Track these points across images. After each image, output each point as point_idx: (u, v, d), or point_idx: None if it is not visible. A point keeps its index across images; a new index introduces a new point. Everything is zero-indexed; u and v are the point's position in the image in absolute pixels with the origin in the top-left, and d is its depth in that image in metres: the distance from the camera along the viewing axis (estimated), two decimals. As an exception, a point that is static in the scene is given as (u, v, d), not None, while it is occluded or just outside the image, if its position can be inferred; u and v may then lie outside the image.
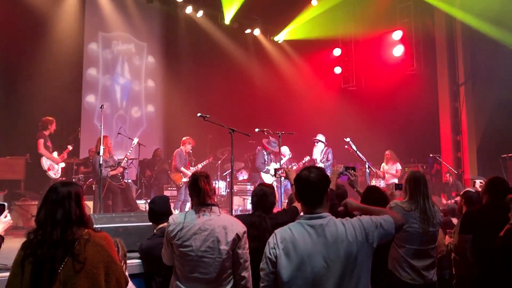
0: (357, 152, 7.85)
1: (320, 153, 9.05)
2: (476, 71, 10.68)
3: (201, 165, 8.61)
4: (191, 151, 8.67)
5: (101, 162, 6.21)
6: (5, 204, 2.54)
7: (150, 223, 3.55)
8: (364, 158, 7.89)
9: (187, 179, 6.25)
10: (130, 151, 8.10)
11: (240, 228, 2.84)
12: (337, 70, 12.29)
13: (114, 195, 7.53)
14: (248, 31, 12.47)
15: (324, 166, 8.58)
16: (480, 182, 6.40)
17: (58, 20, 9.15)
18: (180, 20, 11.54)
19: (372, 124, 10.77)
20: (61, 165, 7.56)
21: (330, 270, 2.06)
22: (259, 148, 9.22)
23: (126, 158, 7.89)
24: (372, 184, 7.43)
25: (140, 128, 11.68)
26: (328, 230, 2.12)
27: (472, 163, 10.57)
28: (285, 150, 9.04)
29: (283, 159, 8.70)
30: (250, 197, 3.64)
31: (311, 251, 2.08)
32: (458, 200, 4.74)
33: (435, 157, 10.26)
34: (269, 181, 8.57)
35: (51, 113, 7.76)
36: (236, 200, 8.96)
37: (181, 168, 8.30)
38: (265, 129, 7.15)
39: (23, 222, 6.95)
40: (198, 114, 5.70)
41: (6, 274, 2.25)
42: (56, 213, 2.17)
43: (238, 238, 2.79)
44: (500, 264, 3.39)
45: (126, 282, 2.31)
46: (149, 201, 3.73)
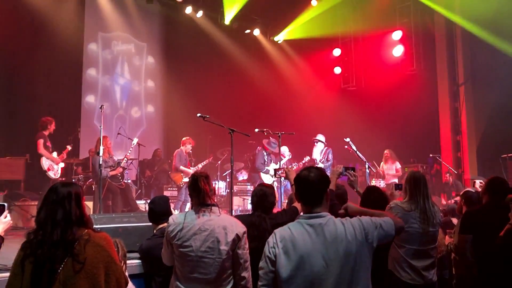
0: (357, 152, 7.85)
1: (320, 153, 9.05)
2: (476, 71, 10.68)
3: (202, 165, 8.61)
4: (191, 151, 8.67)
5: (101, 163, 6.21)
6: (5, 205, 2.53)
7: (150, 224, 3.55)
8: (364, 158, 7.89)
9: (188, 179, 6.28)
10: (130, 151, 8.11)
11: (240, 229, 2.84)
12: (337, 70, 12.29)
13: (114, 196, 7.53)
14: (248, 31, 12.46)
15: (324, 167, 8.58)
16: (480, 182, 6.39)
17: (58, 20, 9.13)
18: (180, 21, 11.53)
19: (372, 124, 10.77)
20: (61, 165, 7.55)
21: (329, 269, 2.06)
22: (259, 149, 9.22)
23: (126, 158, 7.89)
24: (372, 184, 7.42)
25: (140, 128, 11.68)
26: (327, 230, 2.12)
27: (472, 163, 10.57)
28: (285, 151, 9.03)
29: (283, 160, 8.70)
30: (250, 197, 3.63)
31: (310, 250, 2.09)
32: (458, 200, 4.74)
33: (435, 157, 10.26)
34: (269, 182, 8.57)
35: (51, 113, 7.77)
36: (236, 200, 8.95)
37: (181, 167, 8.31)
38: (265, 129, 7.14)
39: (23, 223, 6.95)
40: (198, 114, 5.70)
41: (6, 275, 2.25)
42: (56, 214, 2.17)
43: (238, 238, 2.79)
44: (500, 264, 3.39)
45: (126, 283, 2.32)
46: (149, 202, 3.73)
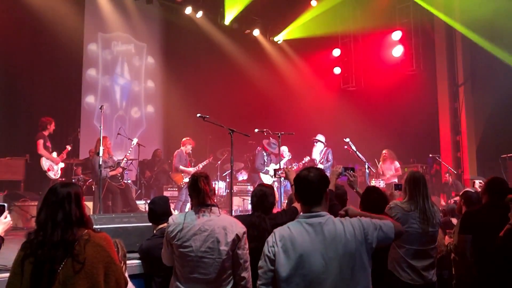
0: (357, 153, 7.86)
1: (320, 154, 9.04)
2: (476, 72, 10.69)
3: (202, 165, 8.62)
4: (191, 152, 8.67)
5: (101, 163, 6.21)
6: (5, 205, 2.53)
7: (150, 224, 3.55)
8: (364, 159, 7.90)
9: (188, 179, 6.28)
10: (130, 152, 8.11)
11: (240, 229, 2.84)
12: (337, 71, 12.29)
13: (114, 196, 7.53)
14: (248, 32, 12.46)
15: (324, 167, 8.58)
16: (480, 182, 6.39)
17: (58, 21, 9.12)
18: (180, 21, 11.52)
19: (372, 125, 10.77)
20: (61, 166, 7.55)
21: (329, 268, 2.06)
22: (259, 149, 9.22)
23: (126, 159, 7.90)
24: (372, 185, 7.42)
25: (140, 129, 11.68)
26: (327, 229, 2.13)
27: (472, 163, 10.57)
28: (284, 151, 9.03)
29: (283, 160, 8.70)
30: (250, 198, 3.63)
31: (310, 249, 2.09)
32: (458, 201, 4.74)
33: (435, 157, 10.26)
34: (269, 182, 8.57)
35: (51, 114, 7.76)
36: (236, 201, 8.95)
37: (180, 167, 8.31)
38: (265, 130, 7.14)
39: (23, 223, 6.94)
40: (198, 115, 5.71)
41: (6, 275, 2.25)
42: (57, 215, 2.17)
43: (238, 239, 2.79)
44: (500, 264, 3.39)
45: (126, 283, 2.31)
46: (149, 202, 3.73)
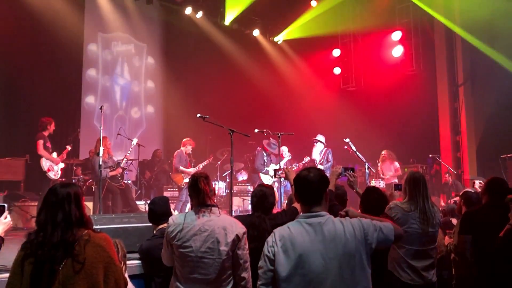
0: (357, 153, 7.86)
1: (320, 154, 9.04)
2: (476, 72, 10.69)
3: (202, 165, 8.62)
4: (191, 152, 8.67)
5: (101, 163, 6.21)
6: (5, 205, 2.53)
7: (150, 224, 3.54)
8: (364, 159, 7.90)
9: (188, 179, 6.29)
10: (129, 152, 8.10)
11: (240, 229, 2.83)
12: (337, 71, 12.29)
13: (114, 196, 7.53)
14: (248, 32, 12.46)
15: (324, 168, 8.57)
16: (480, 183, 6.39)
17: (58, 21, 9.12)
18: (180, 21, 11.52)
19: (372, 125, 10.77)
20: (61, 166, 7.54)
21: (328, 268, 2.07)
22: (259, 149, 9.22)
23: (126, 159, 7.89)
24: (372, 185, 7.42)
25: (140, 129, 11.68)
26: (326, 228, 2.13)
27: (472, 164, 10.57)
28: (284, 151, 9.04)
29: (283, 160, 8.70)
30: (250, 198, 3.63)
31: (309, 249, 2.09)
32: (458, 201, 4.74)
33: (435, 158, 10.26)
34: (268, 182, 8.57)
35: (51, 114, 7.75)
36: (236, 201, 8.95)
37: (181, 168, 8.31)
38: (265, 130, 7.15)
39: (23, 223, 6.94)
40: (198, 115, 5.71)
41: (6, 275, 2.25)
42: (57, 215, 2.17)
43: (238, 239, 2.78)
44: (500, 264, 3.39)
45: (125, 284, 2.31)
46: (149, 202, 3.73)
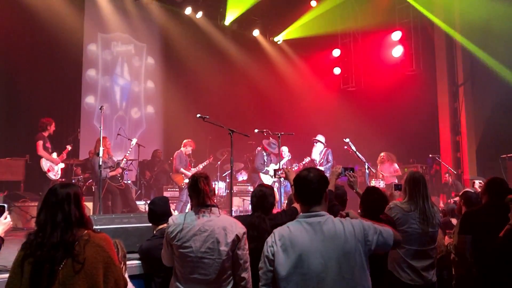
0: (357, 153, 7.85)
1: (320, 154, 9.02)
2: (475, 72, 10.69)
3: (202, 166, 8.62)
4: (191, 153, 8.68)
5: (100, 163, 6.21)
6: (5, 206, 2.53)
7: (150, 224, 3.54)
8: (364, 159, 7.89)
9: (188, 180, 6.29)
10: (129, 152, 8.10)
11: (240, 229, 2.83)
12: (337, 71, 12.30)
13: (114, 196, 7.53)
14: (248, 32, 12.46)
15: (324, 168, 8.56)
16: (480, 183, 6.39)
17: (58, 21, 9.11)
18: (180, 21, 11.52)
19: (371, 125, 10.77)
20: (61, 166, 7.54)
21: (328, 267, 2.07)
22: (259, 149, 9.21)
23: (125, 159, 7.89)
24: (372, 185, 7.42)
25: (140, 129, 11.67)
26: (326, 228, 2.14)
27: (472, 164, 10.57)
28: (284, 151, 9.04)
29: (283, 160, 8.69)
30: (250, 198, 3.63)
31: (309, 248, 2.10)
32: (457, 201, 4.74)
33: (435, 158, 10.26)
34: (268, 182, 8.57)
35: (51, 114, 7.76)
36: (236, 201, 8.95)
37: (181, 169, 8.31)
38: (265, 130, 7.15)
39: (23, 223, 6.93)
40: (198, 115, 5.71)
41: (6, 276, 2.25)
42: (56, 215, 2.17)
43: (238, 239, 2.78)
44: (500, 265, 3.39)
45: (125, 284, 2.31)
46: (149, 202, 3.72)
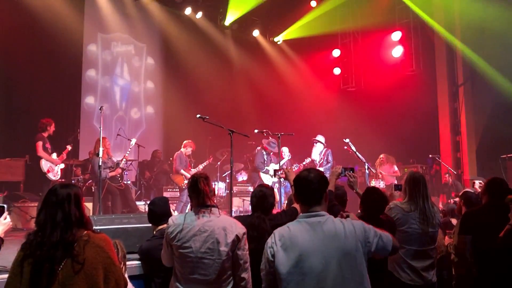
0: (357, 153, 7.86)
1: (319, 154, 9.02)
2: (475, 72, 10.68)
3: (202, 166, 8.62)
4: (191, 153, 8.68)
5: (100, 164, 6.20)
6: (5, 206, 2.53)
7: (150, 225, 3.54)
8: (364, 159, 7.90)
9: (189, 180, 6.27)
10: (129, 152, 8.09)
11: (240, 229, 2.83)
12: (337, 71, 12.30)
13: (113, 197, 7.52)
14: (248, 32, 12.46)
15: (324, 168, 8.56)
16: (480, 183, 6.39)
17: (58, 21, 9.11)
18: (179, 22, 11.52)
19: (371, 125, 10.77)
20: (61, 166, 7.53)
21: (328, 267, 2.07)
22: (259, 149, 9.21)
23: (125, 159, 7.89)
24: (372, 185, 7.42)
25: (140, 129, 11.67)
26: (326, 228, 2.14)
27: (472, 164, 10.57)
28: (284, 151, 9.04)
29: (283, 160, 8.69)
30: (250, 198, 3.63)
31: (309, 248, 2.10)
32: (457, 201, 4.73)
33: (435, 158, 10.25)
34: (268, 182, 8.57)
35: (51, 114, 7.75)
36: (236, 201, 8.95)
37: (181, 171, 8.31)
38: (265, 130, 7.15)
39: (22, 224, 6.93)
40: (198, 115, 5.70)
41: (6, 276, 2.24)
42: (56, 215, 2.17)
43: (238, 239, 2.78)
44: (500, 265, 3.39)
45: (125, 284, 2.31)
46: (149, 203, 3.72)
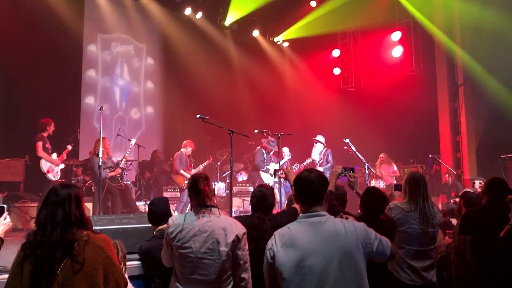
0: (357, 153, 7.86)
1: (319, 154, 9.02)
2: (475, 72, 10.68)
3: (203, 166, 8.62)
4: (191, 153, 8.68)
5: (100, 164, 6.20)
6: (5, 206, 2.53)
7: (150, 225, 3.54)
8: (364, 159, 7.90)
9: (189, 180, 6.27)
10: (128, 152, 8.08)
11: (240, 230, 2.83)
12: (336, 71, 12.30)
13: (114, 197, 7.52)
14: (248, 33, 12.46)
15: (324, 168, 8.57)
16: (480, 183, 6.39)
17: (58, 22, 9.12)
18: (179, 22, 11.52)
19: (371, 125, 10.77)
20: (61, 167, 7.52)
21: (329, 266, 2.06)
22: (258, 148, 9.21)
23: (125, 159, 7.88)
24: (372, 185, 7.42)
25: (139, 130, 11.67)
26: (327, 227, 2.14)
27: (472, 164, 10.57)
28: (285, 151, 9.04)
29: (283, 160, 8.69)
30: (250, 198, 3.63)
31: (310, 247, 2.09)
32: (457, 201, 4.73)
33: (434, 158, 10.26)
34: (269, 181, 8.57)
35: (50, 115, 7.74)
36: (236, 201, 8.95)
37: (181, 171, 8.30)
38: (265, 130, 7.15)
39: (22, 224, 6.92)
40: (198, 116, 5.70)
41: (6, 276, 2.24)
42: (56, 214, 2.17)
43: (238, 240, 2.78)
44: (500, 265, 3.39)
45: (126, 284, 2.31)
46: (149, 203, 3.72)
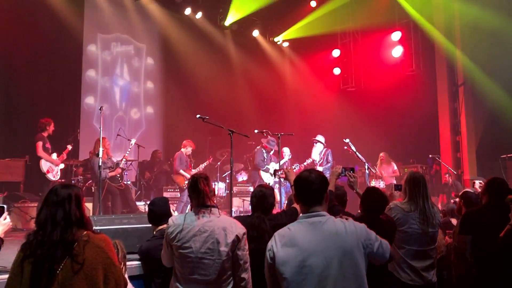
0: (357, 153, 7.86)
1: (319, 154, 9.02)
2: (475, 72, 10.68)
3: (203, 166, 8.62)
4: (191, 153, 8.67)
5: (100, 164, 6.20)
6: (5, 206, 2.53)
7: (150, 225, 3.54)
8: (364, 159, 7.90)
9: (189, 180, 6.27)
10: (128, 152, 8.08)
11: (240, 230, 2.83)
12: (336, 71, 12.30)
13: (113, 197, 7.52)
14: (248, 33, 12.46)
15: (324, 168, 8.57)
16: (480, 183, 6.39)
17: (57, 22, 9.12)
18: (179, 22, 11.52)
19: (371, 125, 10.77)
20: (60, 167, 7.52)
21: (329, 266, 2.06)
22: (258, 147, 9.21)
23: (125, 159, 7.88)
24: (372, 185, 7.42)
25: (139, 130, 11.67)
26: (327, 227, 2.14)
27: (472, 164, 10.56)
28: (285, 151, 9.04)
29: (283, 160, 8.69)
30: (250, 199, 3.63)
31: (310, 247, 2.09)
32: (457, 201, 4.73)
33: (435, 158, 10.25)
34: (269, 181, 8.57)
35: (50, 115, 7.73)
36: (236, 201, 8.94)
37: (181, 171, 8.30)
38: (265, 130, 7.15)
39: (22, 224, 6.92)
40: (198, 116, 5.70)
41: (6, 276, 2.24)
42: (57, 214, 2.17)
43: (238, 240, 2.78)
44: (500, 265, 3.39)
45: (125, 284, 2.31)
46: (149, 203, 3.72)
